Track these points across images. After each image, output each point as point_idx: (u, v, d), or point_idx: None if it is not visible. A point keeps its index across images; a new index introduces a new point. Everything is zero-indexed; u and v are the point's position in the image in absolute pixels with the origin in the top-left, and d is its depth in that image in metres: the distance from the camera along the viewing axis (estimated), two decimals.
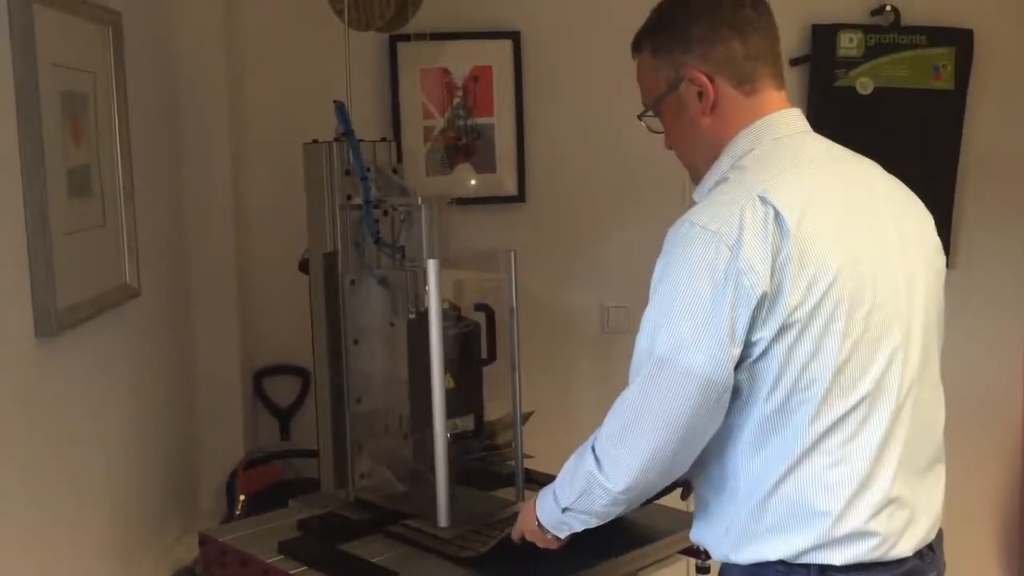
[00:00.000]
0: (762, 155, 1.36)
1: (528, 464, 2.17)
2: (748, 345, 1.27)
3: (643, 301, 1.33)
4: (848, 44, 2.63)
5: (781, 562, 1.33)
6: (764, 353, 1.28)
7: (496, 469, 2.23)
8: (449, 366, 1.81)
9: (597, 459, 1.38)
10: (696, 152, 1.44)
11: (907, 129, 2.64)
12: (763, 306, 1.25)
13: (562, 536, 1.54)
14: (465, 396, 1.90)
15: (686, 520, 1.94)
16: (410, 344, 1.88)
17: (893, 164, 2.58)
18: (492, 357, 1.91)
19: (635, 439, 1.33)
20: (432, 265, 1.78)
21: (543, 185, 2.63)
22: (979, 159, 2.69)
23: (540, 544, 1.58)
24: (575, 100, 2.62)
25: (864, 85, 2.63)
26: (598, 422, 1.41)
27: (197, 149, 2.40)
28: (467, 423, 1.93)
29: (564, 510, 1.47)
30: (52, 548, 1.55)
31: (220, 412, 2.46)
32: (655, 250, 1.35)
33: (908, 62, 2.64)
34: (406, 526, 1.85)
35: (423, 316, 1.82)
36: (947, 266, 1.40)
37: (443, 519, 1.82)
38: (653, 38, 1.43)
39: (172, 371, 2.27)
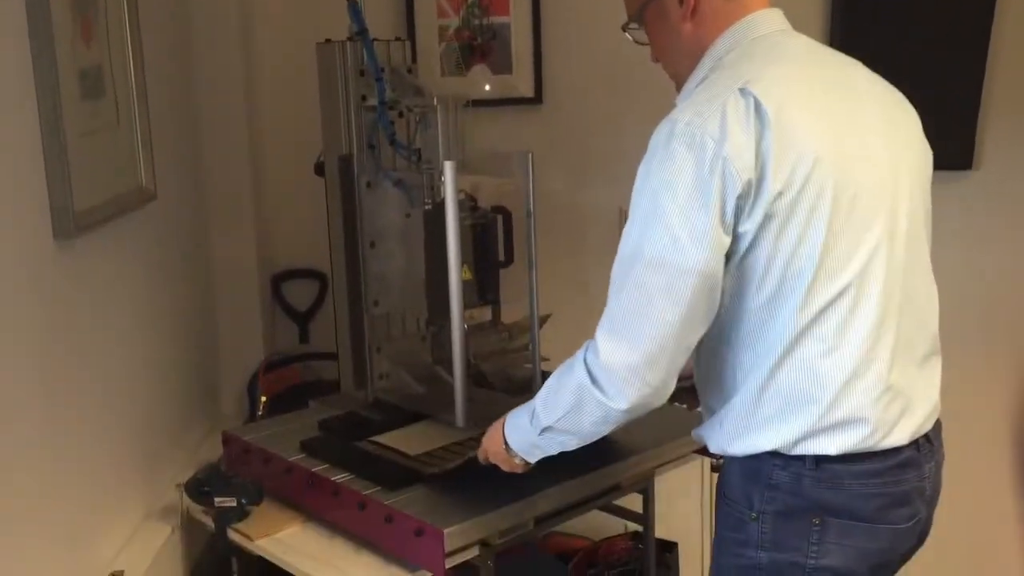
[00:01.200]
0: (742, 53, 1.38)
1: (545, 367, 2.19)
2: (735, 239, 1.29)
3: None
4: None
5: (777, 454, 1.36)
6: (751, 246, 1.30)
7: (514, 372, 2.27)
8: (466, 257, 1.81)
9: (592, 377, 1.35)
10: (680, 59, 1.46)
11: (934, 25, 2.56)
12: (749, 194, 1.27)
13: (532, 460, 1.54)
14: (481, 288, 1.90)
15: (700, 421, 1.98)
16: (427, 235, 1.88)
17: (918, 61, 2.54)
18: (509, 259, 1.91)
19: (633, 353, 1.31)
20: (449, 167, 1.77)
21: (560, 87, 2.58)
22: (1008, 59, 2.62)
23: (505, 468, 1.57)
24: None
25: None
26: None
27: (209, 50, 2.36)
28: (484, 314, 1.95)
29: (543, 430, 1.45)
30: (77, 448, 1.58)
31: (239, 315, 2.48)
32: None
33: None
34: (375, 443, 1.85)
35: (440, 207, 1.82)
36: (971, 166, 1.38)
37: (460, 419, 1.85)
38: None
39: (190, 275, 2.28)
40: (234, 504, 1.77)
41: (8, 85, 1.40)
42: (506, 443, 1.53)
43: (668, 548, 2.47)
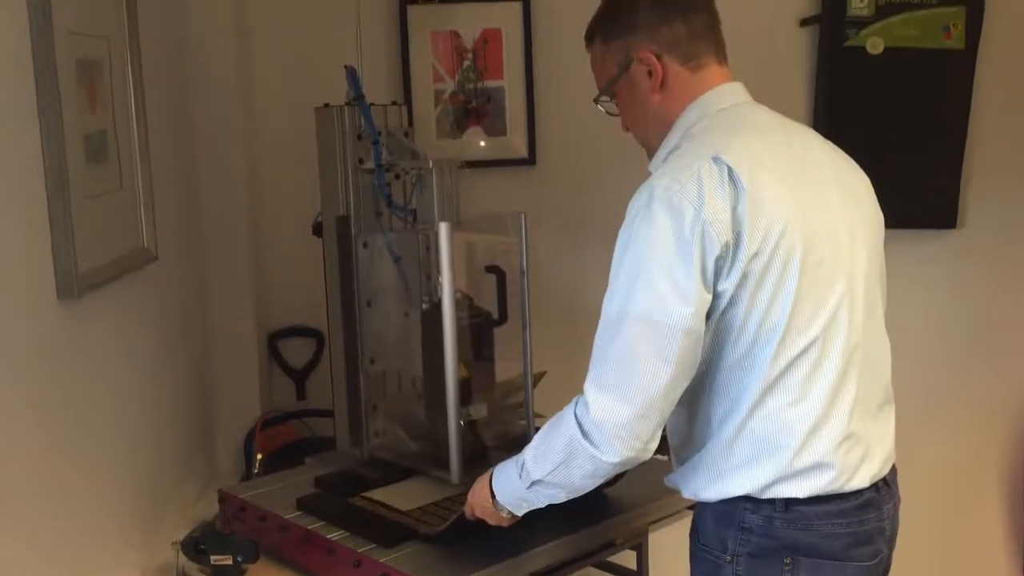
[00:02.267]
0: (709, 124, 1.47)
1: (539, 424, 2.22)
2: (715, 297, 1.36)
3: None
4: (859, 3, 2.63)
5: (748, 498, 1.43)
6: (730, 303, 1.36)
7: (508, 429, 2.28)
8: (463, 355, 1.84)
9: (581, 427, 1.38)
10: (649, 129, 1.54)
11: (917, 89, 2.64)
12: (727, 255, 1.33)
13: (519, 514, 1.57)
14: (478, 384, 1.94)
15: None
16: (424, 335, 1.91)
17: (902, 125, 2.61)
18: (503, 318, 1.95)
19: (624, 401, 1.35)
20: (444, 228, 1.81)
21: (553, 148, 2.63)
22: (989, 120, 2.69)
23: (491, 521, 1.60)
24: (585, 62, 2.59)
25: (875, 45, 2.62)
26: None
27: (210, 114, 2.41)
28: (480, 411, 1.98)
29: (532, 484, 1.48)
30: (76, 506, 1.60)
31: (236, 373, 2.50)
32: None
33: (919, 21, 2.63)
34: (369, 499, 1.86)
35: (436, 307, 1.86)
36: (955, 225, 1.43)
37: (455, 476, 1.87)
38: (603, 27, 1.56)
39: (189, 334, 2.31)
40: (230, 562, 1.78)
41: (16, 150, 1.44)
42: (493, 497, 1.56)
43: None
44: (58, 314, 1.55)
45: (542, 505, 1.52)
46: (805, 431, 1.40)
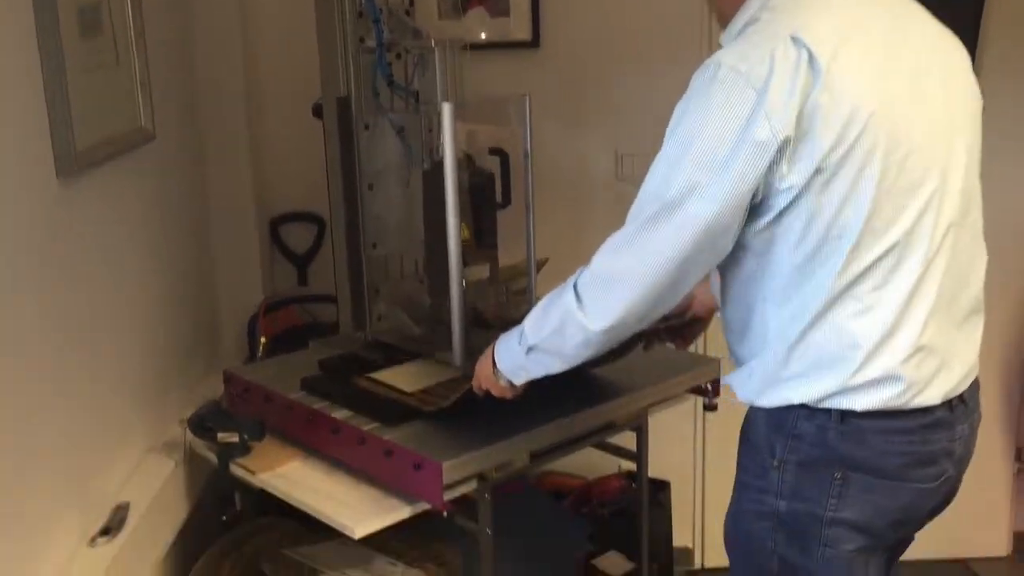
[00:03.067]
0: None
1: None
2: (777, 193, 1.26)
3: (658, 149, 1.32)
4: None
5: (803, 406, 1.35)
6: (793, 201, 1.26)
7: (511, 313, 2.29)
8: (464, 215, 1.82)
9: (578, 296, 1.37)
10: None
11: None
12: (786, 152, 1.23)
13: (517, 382, 1.56)
14: (480, 245, 1.92)
15: (694, 361, 2.02)
16: (426, 195, 1.89)
17: None
18: (507, 201, 1.93)
19: (625, 280, 1.33)
20: (447, 109, 1.77)
21: (558, 30, 2.57)
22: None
23: (494, 392, 1.60)
24: None
25: None
26: None
27: None
28: (482, 271, 1.97)
29: (529, 349, 1.47)
30: (80, 382, 1.61)
31: (237, 257, 2.49)
32: (672, 97, 1.32)
33: None
34: (373, 379, 1.86)
35: (438, 166, 1.82)
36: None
37: (458, 357, 1.87)
38: None
39: (190, 217, 2.30)
40: (236, 440, 1.80)
41: (8, 23, 1.41)
42: (495, 364, 1.56)
43: (661, 487, 2.52)
44: (58, 192, 1.53)
45: (539, 375, 1.51)
46: (872, 343, 1.30)
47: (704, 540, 2.86)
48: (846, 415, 1.33)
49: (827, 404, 1.33)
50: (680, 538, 2.73)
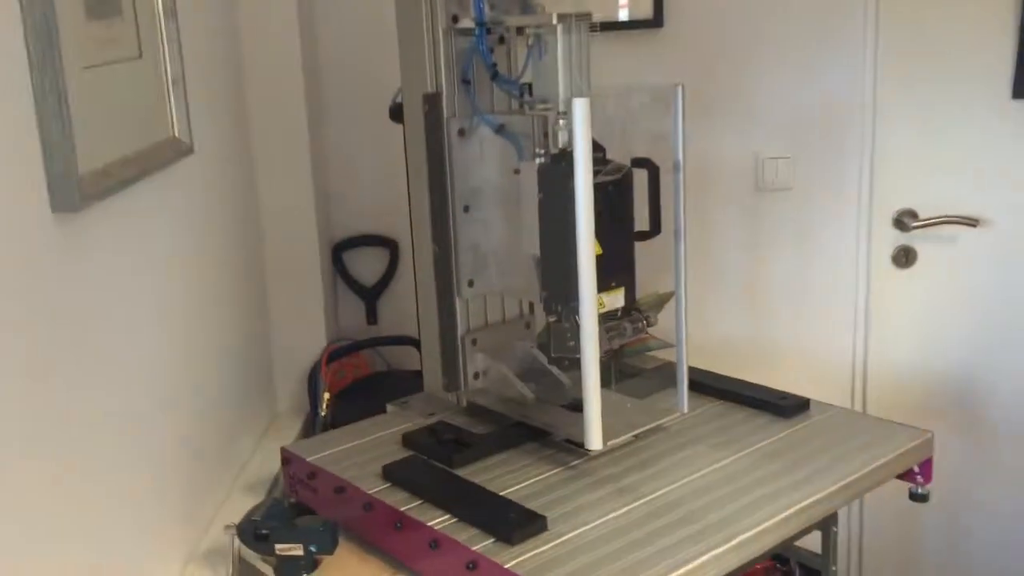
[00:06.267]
0: None
1: (664, 355, 1.82)
2: None
3: (808, 150, 0.92)
4: None
5: None
6: None
7: (631, 360, 1.87)
8: (595, 225, 1.37)
9: None
10: None
11: None
12: None
13: None
14: (614, 265, 1.47)
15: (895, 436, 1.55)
16: (542, 197, 1.45)
17: None
18: (656, 228, 1.47)
19: None
20: (580, 105, 1.32)
21: (686, 6, 2.14)
22: None
23: None
24: None
25: None
26: (747, 304, 0.97)
27: None
28: (615, 299, 1.51)
29: None
30: (88, 475, 1.18)
31: (296, 293, 2.07)
32: (828, 91, 0.90)
33: None
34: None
35: (559, 159, 1.41)
36: None
37: (594, 440, 1.41)
38: None
39: (235, 248, 1.86)
40: (301, 552, 1.38)
41: None
42: None
43: None
44: (54, 233, 1.10)
45: None
46: None
47: None
48: None
49: None
50: None
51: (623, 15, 2.05)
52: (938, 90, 2.10)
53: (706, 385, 1.72)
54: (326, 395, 1.98)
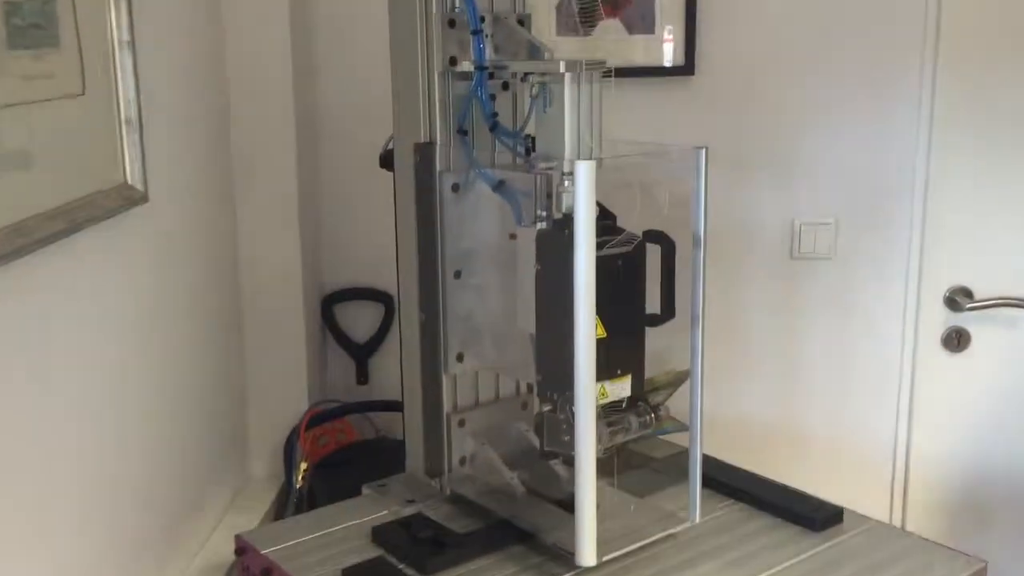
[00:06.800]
0: None
1: (678, 439, 1.59)
2: None
3: (851, 216, 1.02)
4: None
5: None
6: None
7: (639, 448, 1.68)
8: (599, 304, 1.23)
9: None
10: None
11: None
12: None
13: None
14: (620, 349, 1.31)
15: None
16: (540, 268, 1.29)
17: None
18: (669, 312, 1.28)
19: None
20: (584, 169, 1.15)
21: (719, 53, 2.00)
22: None
23: None
24: None
25: None
26: (776, 383, 0.90)
27: None
28: (620, 388, 1.34)
29: None
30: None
31: (277, 351, 1.91)
32: (876, 151, 0.88)
33: None
34: None
35: (560, 225, 1.26)
36: None
37: (588, 556, 1.22)
38: None
39: (204, 301, 1.70)
40: None
41: None
42: None
43: None
44: None
45: None
46: None
47: None
48: None
49: None
50: None
51: (667, 54, 1.91)
52: (998, 159, 1.95)
53: (724, 483, 1.52)
54: (303, 465, 1.80)
